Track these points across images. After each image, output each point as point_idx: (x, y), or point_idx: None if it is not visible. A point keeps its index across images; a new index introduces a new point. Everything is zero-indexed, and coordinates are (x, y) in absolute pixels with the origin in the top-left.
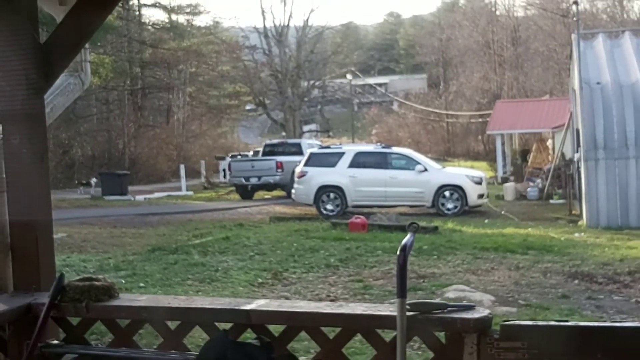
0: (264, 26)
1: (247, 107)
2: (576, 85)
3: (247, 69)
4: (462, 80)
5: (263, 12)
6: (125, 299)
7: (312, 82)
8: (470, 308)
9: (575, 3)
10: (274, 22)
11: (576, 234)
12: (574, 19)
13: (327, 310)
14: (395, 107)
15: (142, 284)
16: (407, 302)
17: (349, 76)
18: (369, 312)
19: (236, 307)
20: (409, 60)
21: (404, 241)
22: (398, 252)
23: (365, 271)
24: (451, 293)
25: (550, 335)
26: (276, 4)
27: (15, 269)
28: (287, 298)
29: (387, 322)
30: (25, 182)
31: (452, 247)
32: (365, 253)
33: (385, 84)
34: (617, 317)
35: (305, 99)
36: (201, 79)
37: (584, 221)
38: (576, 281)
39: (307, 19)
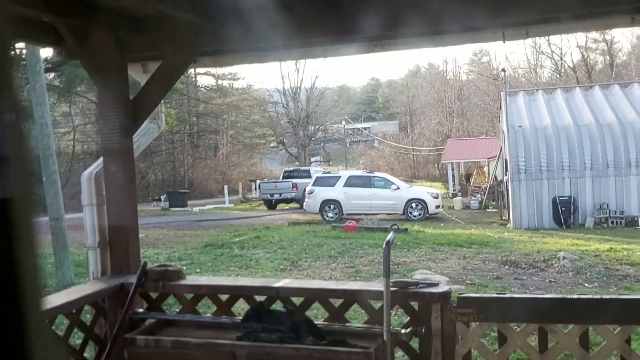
0: (283, 87)
1: (272, 145)
2: (504, 128)
3: (271, 118)
4: (423, 125)
5: (282, 77)
6: (190, 280)
7: (317, 126)
8: (435, 285)
9: (503, 70)
10: (290, 84)
11: (505, 233)
12: (502, 81)
13: (333, 286)
14: (376, 144)
15: (198, 270)
16: (391, 280)
17: (343, 122)
18: (363, 288)
19: (269, 285)
20: (386, 111)
21: (388, 237)
22: (384, 246)
23: (356, 260)
24: (418, 275)
25: (492, 303)
26: (292, 72)
27: (112, 258)
28: (301, 280)
29: (376, 294)
30: (119, 198)
31: (418, 243)
32: (356, 247)
33: (369, 127)
34: (535, 292)
35: (312, 139)
36: (239, 125)
37: (511, 224)
38: (506, 267)
39: (314, 82)
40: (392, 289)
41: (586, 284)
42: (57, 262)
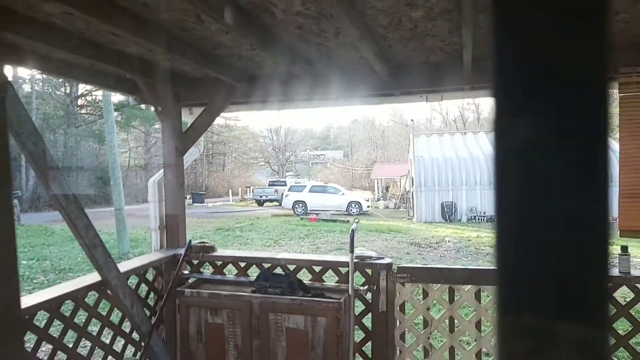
0: (270, 127)
1: (261, 164)
2: (411, 157)
3: (261, 146)
4: (359, 153)
5: (269, 121)
6: (219, 252)
7: (291, 152)
8: (382, 258)
9: (412, 120)
10: (274, 126)
11: (411, 225)
12: (411, 127)
13: (315, 258)
14: (328, 165)
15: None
16: (354, 255)
17: (307, 150)
18: (335, 259)
19: (273, 257)
20: (335, 144)
21: (352, 226)
22: (350, 232)
23: (316, 240)
24: (357, 251)
25: (420, 271)
26: (274, 118)
27: (167, 237)
28: (280, 252)
29: (343, 264)
30: (173, 196)
31: (356, 230)
32: (316, 232)
33: (324, 154)
34: (432, 262)
35: (287, 161)
36: (239, 150)
37: (414, 219)
38: (412, 246)
39: (289, 126)
40: (355, 260)
41: (463, 259)
42: (118, 238)
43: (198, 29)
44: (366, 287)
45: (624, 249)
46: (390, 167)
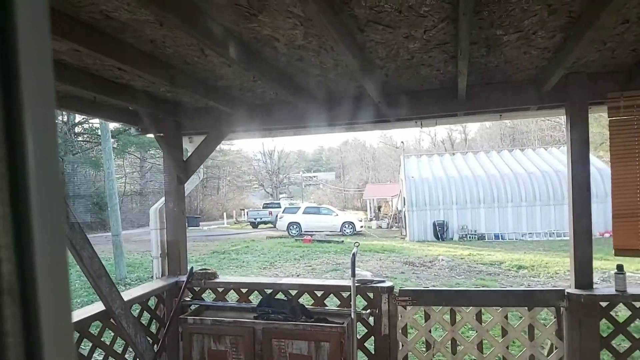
0: (263, 150)
1: (254, 187)
2: (402, 177)
3: (255, 169)
4: (351, 175)
5: (263, 144)
6: (221, 278)
7: (284, 175)
8: (383, 281)
9: (402, 142)
10: (267, 149)
11: (404, 244)
12: (401, 149)
13: (317, 282)
14: (320, 186)
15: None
16: (356, 279)
17: (300, 172)
18: (337, 283)
19: (275, 282)
20: (327, 165)
21: (353, 250)
22: (351, 256)
23: (312, 261)
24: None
25: (421, 293)
26: (269, 141)
27: (169, 264)
28: (277, 275)
29: (345, 288)
30: (175, 224)
31: (350, 250)
32: (311, 253)
33: (316, 176)
34: (426, 282)
35: (281, 183)
36: (234, 173)
37: (407, 238)
38: (407, 265)
39: (282, 148)
40: (356, 284)
41: (457, 277)
42: (116, 264)
43: (201, 63)
44: (368, 310)
45: (620, 267)
46: (382, 188)
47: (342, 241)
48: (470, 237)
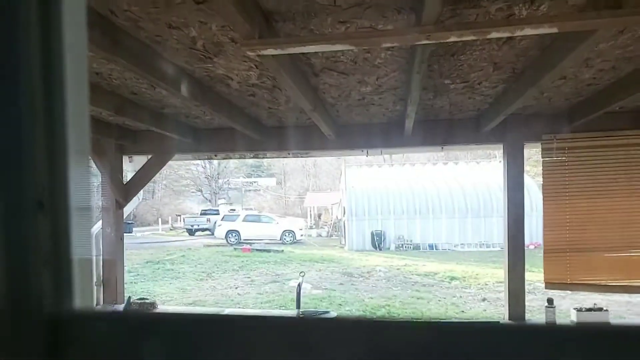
0: None
1: (192, 191)
2: (343, 187)
3: (193, 174)
4: (292, 182)
5: None
6: (160, 309)
7: (224, 180)
8: (328, 312)
9: None
10: None
11: (344, 253)
12: (343, 158)
13: (259, 314)
14: (261, 192)
15: (142, 280)
16: (300, 310)
17: (240, 178)
18: (282, 315)
19: (217, 313)
20: (268, 171)
21: (299, 281)
22: (297, 287)
23: (251, 272)
24: (292, 283)
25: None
26: None
27: (105, 293)
28: (214, 287)
29: None
30: (112, 250)
31: (290, 260)
32: (250, 264)
33: (257, 181)
34: (365, 293)
35: (221, 188)
36: (170, 177)
37: (346, 247)
38: (345, 276)
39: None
40: (300, 316)
41: (394, 288)
42: None
43: (149, 93)
44: None
45: (550, 301)
46: (323, 196)
47: (282, 250)
48: (406, 247)
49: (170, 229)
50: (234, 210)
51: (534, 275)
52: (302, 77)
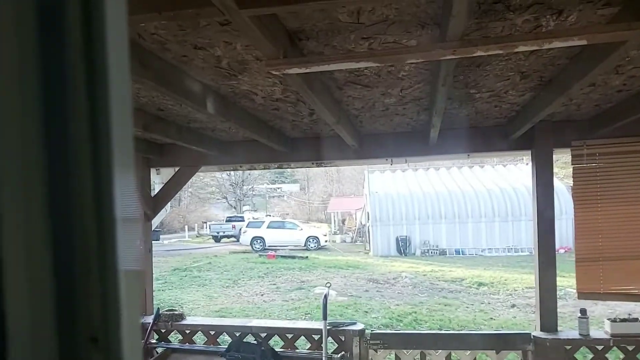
0: None
1: (217, 198)
2: (367, 192)
3: (218, 181)
4: (315, 187)
5: None
6: (189, 320)
7: (249, 186)
8: (354, 324)
9: None
10: None
11: (368, 259)
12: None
13: (287, 325)
14: (285, 198)
15: (170, 288)
16: (327, 322)
17: (265, 184)
18: (308, 326)
19: (244, 324)
20: (292, 177)
21: (325, 291)
22: (322, 298)
23: (276, 279)
24: (317, 290)
25: (392, 337)
26: None
27: None
28: (240, 294)
29: (316, 331)
30: (142, 261)
31: (315, 266)
32: (275, 270)
33: (281, 187)
34: (390, 300)
35: (245, 195)
36: (196, 185)
37: (371, 253)
38: (371, 283)
39: None
40: (327, 327)
41: (420, 295)
42: None
43: (175, 109)
44: (340, 354)
45: (583, 312)
46: (346, 201)
47: (307, 257)
48: (432, 253)
49: (197, 236)
50: (259, 218)
51: (565, 280)
52: (326, 91)
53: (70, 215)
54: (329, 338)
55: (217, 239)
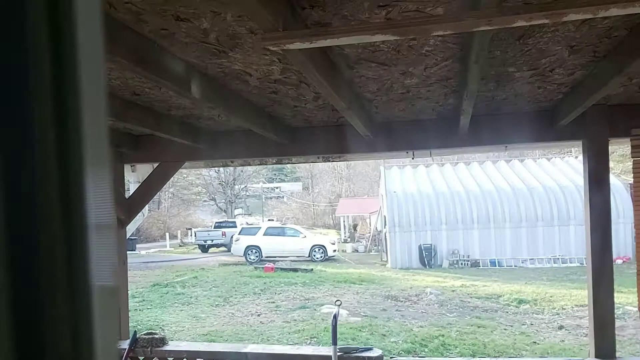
0: None
1: (204, 200)
2: (383, 192)
3: (205, 179)
4: (321, 187)
5: None
6: (172, 345)
7: (241, 186)
8: (370, 349)
9: None
10: None
11: (385, 272)
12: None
13: (290, 351)
14: (285, 199)
15: (148, 307)
16: (337, 347)
17: (260, 183)
18: (315, 352)
19: (238, 350)
20: (292, 174)
21: (335, 311)
22: (332, 319)
23: (275, 296)
24: (325, 309)
25: None
26: None
27: None
28: (232, 314)
29: (324, 358)
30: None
31: (322, 281)
32: (274, 285)
33: (280, 187)
34: (413, 321)
35: (237, 196)
36: (178, 184)
37: (389, 264)
38: (389, 300)
39: None
40: (338, 353)
41: (448, 314)
42: None
43: (154, 93)
44: None
45: None
46: (358, 203)
47: (312, 269)
48: (462, 264)
49: (180, 245)
50: (253, 223)
51: (623, 297)
52: (334, 71)
53: (32, 221)
54: None
55: (204, 248)
